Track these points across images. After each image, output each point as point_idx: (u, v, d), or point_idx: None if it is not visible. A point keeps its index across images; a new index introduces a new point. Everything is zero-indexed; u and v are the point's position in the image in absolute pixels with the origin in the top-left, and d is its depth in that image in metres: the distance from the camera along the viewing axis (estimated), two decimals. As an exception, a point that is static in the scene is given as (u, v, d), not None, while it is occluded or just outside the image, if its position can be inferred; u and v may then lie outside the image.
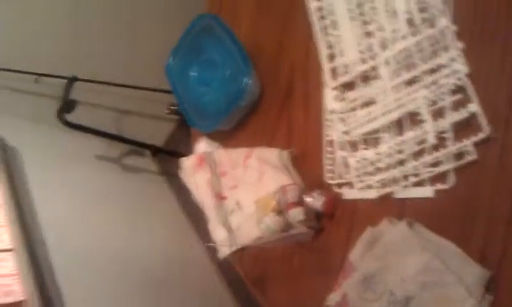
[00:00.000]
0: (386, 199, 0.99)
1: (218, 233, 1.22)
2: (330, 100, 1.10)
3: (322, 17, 1.14)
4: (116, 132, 2.08)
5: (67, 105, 1.84)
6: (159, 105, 2.15)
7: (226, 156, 1.24)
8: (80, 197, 1.97)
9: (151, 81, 2.07)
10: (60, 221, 1.77)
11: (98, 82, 1.97)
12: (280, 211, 1.07)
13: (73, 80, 1.86)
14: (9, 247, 1.54)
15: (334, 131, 1.09)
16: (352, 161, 1.04)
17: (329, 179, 1.08)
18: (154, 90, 2.09)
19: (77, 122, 1.85)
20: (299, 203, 1.05)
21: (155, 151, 2.27)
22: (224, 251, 1.21)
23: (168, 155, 2.31)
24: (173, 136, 2.53)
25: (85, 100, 1.93)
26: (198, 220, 2.20)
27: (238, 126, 1.28)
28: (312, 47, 1.16)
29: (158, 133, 2.51)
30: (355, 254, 0.98)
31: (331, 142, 1.09)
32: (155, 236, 2.13)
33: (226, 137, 1.30)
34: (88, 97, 1.99)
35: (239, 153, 1.21)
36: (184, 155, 1.31)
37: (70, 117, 1.83)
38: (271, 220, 1.07)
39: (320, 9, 1.15)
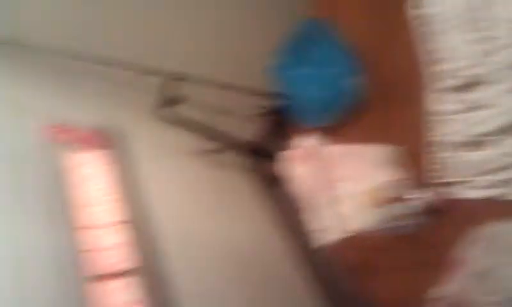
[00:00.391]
0: (494, 199, 1.02)
1: (321, 222, 1.30)
2: (436, 102, 1.14)
3: (430, 23, 1.18)
4: (211, 129, 2.19)
5: (169, 101, 1.98)
6: (253, 105, 2.25)
7: (332, 151, 1.32)
8: (173, 185, 2.11)
9: (247, 81, 2.17)
10: (162, 204, 1.91)
11: (201, 81, 2.09)
12: (386, 204, 1.13)
13: (177, 78, 2.00)
14: (123, 219, 1.70)
15: (440, 132, 1.13)
16: (458, 161, 1.09)
17: (436, 178, 1.13)
18: (250, 91, 2.18)
19: (176, 117, 1.99)
20: (406, 198, 1.11)
21: (248, 149, 2.37)
22: (327, 239, 1.28)
23: (259, 155, 2.40)
24: (264, 137, 2.61)
25: (185, 96, 2.06)
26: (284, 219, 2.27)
27: (343, 124, 1.34)
28: (417, 51, 1.19)
29: (249, 132, 2.61)
30: (468, 250, 1.01)
31: (437, 143, 1.14)
32: (241, 231, 2.23)
33: (331, 133, 1.36)
34: (188, 93, 2.12)
35: (345, 149, 1.29)
36: (273, 155, 1.37)
37: (171, 112, 1.96)
38: (378, 212, 1.13)
39: (428, 15, 1.18)
